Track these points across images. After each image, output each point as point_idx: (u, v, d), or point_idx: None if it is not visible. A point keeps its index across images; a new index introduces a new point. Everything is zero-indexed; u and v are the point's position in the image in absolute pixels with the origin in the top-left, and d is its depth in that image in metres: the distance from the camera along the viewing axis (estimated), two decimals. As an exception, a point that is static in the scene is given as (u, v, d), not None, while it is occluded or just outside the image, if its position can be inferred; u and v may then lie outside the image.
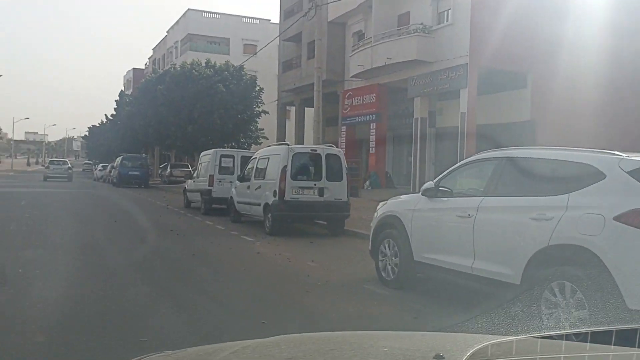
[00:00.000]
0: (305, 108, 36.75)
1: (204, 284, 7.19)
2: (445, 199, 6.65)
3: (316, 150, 12.66)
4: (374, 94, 28.02)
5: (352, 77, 29.31)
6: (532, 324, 4.52)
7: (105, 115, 59.09)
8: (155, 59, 67.21)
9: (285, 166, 12.19)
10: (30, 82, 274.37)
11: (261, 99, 36.51)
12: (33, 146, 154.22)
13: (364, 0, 27.79)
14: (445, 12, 24.65)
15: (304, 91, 34.45)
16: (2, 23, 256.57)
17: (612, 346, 1.79)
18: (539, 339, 1.90)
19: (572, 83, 21.66)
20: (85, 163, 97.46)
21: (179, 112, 33.34)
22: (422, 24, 24.60)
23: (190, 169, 38.28)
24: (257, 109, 36.12)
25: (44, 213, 15.28)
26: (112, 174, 40.23)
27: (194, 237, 11.90)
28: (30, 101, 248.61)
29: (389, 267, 7.35)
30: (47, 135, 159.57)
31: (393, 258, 7.29)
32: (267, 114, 37.80)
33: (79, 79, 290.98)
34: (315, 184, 12.40)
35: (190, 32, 54.93)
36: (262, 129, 37.67)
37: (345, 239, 12.33)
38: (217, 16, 56.57)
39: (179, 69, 36.26)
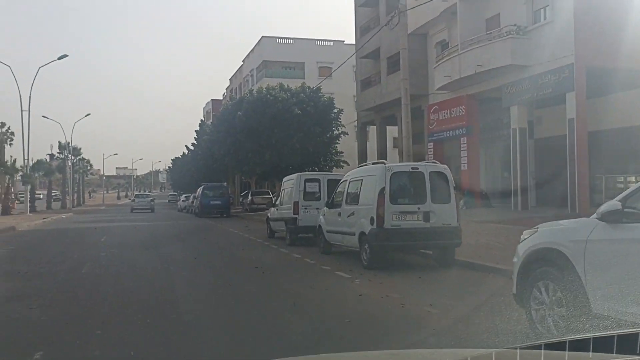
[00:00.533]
0: (387, 127, 35.00)
1: (305, 343, 5.54)
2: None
3: (418, 168, 10.84)
4: (463, 106, 25.85)
5: (437, 89, 27.31)
6: None
7: (187, 146, 59.92)
8: (232, 88, 67.98)
9: (383, 188, 10.46)
10: (117, 118, 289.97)
11: (340, 121, 35.14)
12: (123, 180, 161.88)
13: (446, 7, 25.87)
14: (542, 10, 22.27)
15: (385, 109, 32.76)
16: (89, 63, 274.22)
17: (591, 354, 1.89)
18: (518, 350, 1.98)
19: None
20: (170, 194, 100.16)
21: (257, 138, 32.55)
22: (515, 24, 22.33)
23: (272, 196, 37.43)
24: (336, 130, 34.77)
25: (121, 252, 14.35)
26: (194, 204, 40.15)
27: (282, 276, 10.36)
28: (118, 136, 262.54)
29: (550, 320, 5.39)
30: (135, 169, 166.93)
31: (555, 307, 5.33)
32: (346, 135, 36.43)
33: (162, 113, 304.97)
34: (419, 208, 10.57)
35: (266, 59, 54.94)
36: (342, 152, 36.26)
37: (458, 271, 10.37)
38: (291, 41, 56.35)
39: (255, 94, 35.66)
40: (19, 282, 9.45)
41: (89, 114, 59.01)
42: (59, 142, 60.04)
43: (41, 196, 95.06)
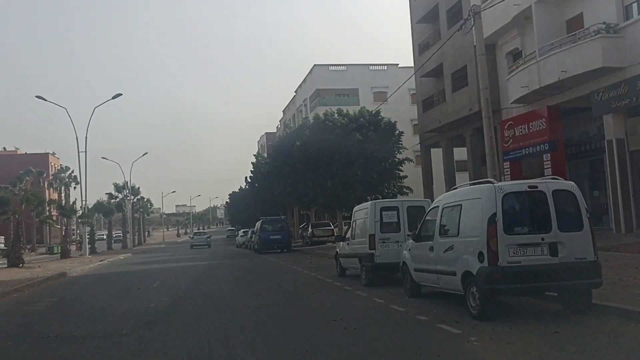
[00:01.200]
0: (454, 148, 32.41)
1: None
2: None
3: (537, 187, 8.42)
4: (544, 119, 23.07)
5: (512, 103, 24.70)
6: None
7: (246, 178, 58.44)
8: (285, 120, 67.06)
9: (494, 214, 8.11)
10: (173, 156, 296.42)
11: (402, 144, 32.87)
12: (182, 217, 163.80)
13: (519, 11, 23.42)
14: (635, 4, 19.54)
15: (452, 128, 30.27)
16: (143, 101, 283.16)
17: None
18: None
19: None
20: (228, 230, 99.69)
21: (316, 167, 30.68)
22: (604, 22, 19.64)
23: (332, 227, 35.28)
24: (398, 155, 32.48)
25: (172, 301, 12.43)
26: (252, 239, 38.48)
27: (372, 332, 8.08)
28: (175, 174, 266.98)
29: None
30: (194, 206, 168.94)
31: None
32: (410, 162, 34.13)
33: (218, 149, 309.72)
34: (543, 238, 8.13)
35: (318, 88, 53.67)
36: (406, 176, 33.88)
37: (600, 319, 7.84)
38: (344, 68, 54.94)
39: (311, 120, 33.98)
40: (43, 352, 7.60)
41: (146, 153, 59.33)
42: (115, 184, 60.11)
43: (104, 237, 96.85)
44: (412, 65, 35.36)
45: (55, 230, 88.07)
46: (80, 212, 44.46)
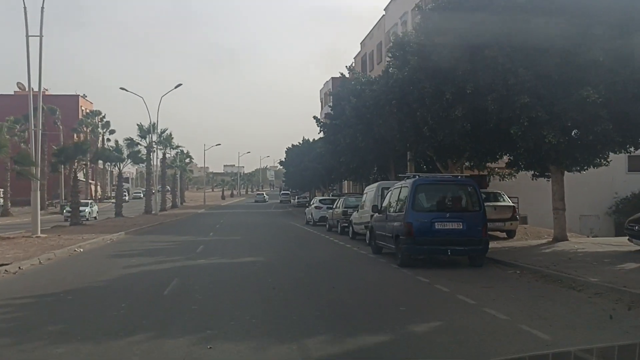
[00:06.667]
0: None
1: None
2: None
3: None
4: None
5: None
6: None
7: (317, 118, 40.79)
8: (364, 54, 50.76)
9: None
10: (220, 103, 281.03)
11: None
12: (229, 177, 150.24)
13: None
14: None
15: None
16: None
17: None
18: None
19: None
20: (282, 194, 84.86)
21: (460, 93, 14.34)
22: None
23: (512, 204, 18.75)
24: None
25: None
26: (358, 219, 20.27)
27: None
28: (222, 127, 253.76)
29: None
30: (242, 167, 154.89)
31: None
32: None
33: (270, 105, 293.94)
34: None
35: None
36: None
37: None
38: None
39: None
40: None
41: (180, 85, 44.16)
42: (140, 125, 45.32)
43: (141, 194, 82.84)
44: None
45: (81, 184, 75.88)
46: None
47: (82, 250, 16.87)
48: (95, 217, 38.35)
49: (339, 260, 14.80)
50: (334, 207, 23.62)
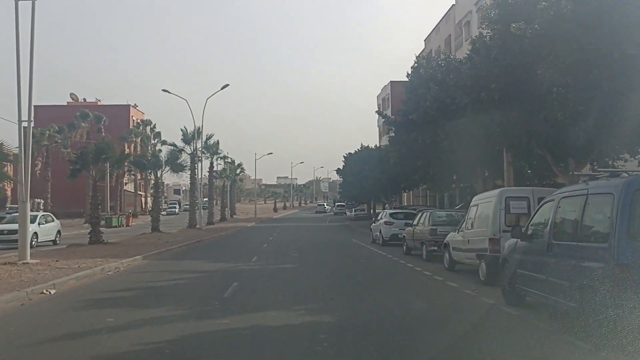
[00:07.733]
0: None
1: None
2: None
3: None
4: None
5: None
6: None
7: (382, 114, 35.79)
8: (429, 50, 45.92)
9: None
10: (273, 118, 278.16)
11: None
12: (281, 189, 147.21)
13: None
14: None
15: None
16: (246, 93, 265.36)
17: None
18: None
19: None
20: (337, 205, 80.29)
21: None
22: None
23: None
24: None
25: None
26: (450, 246, 14.85)
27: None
28: (276, 141, 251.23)
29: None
30: (296, 178, 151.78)
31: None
32: None
33: (322, 115, 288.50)
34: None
35: None
36: None
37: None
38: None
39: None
40: None
41: (227, 85, 40.64)
42: (184, 130, 42.18)
43: (176, 210, 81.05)
44: None
45: (129, 196, 74.18)
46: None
47: (51, 292, 11.35)
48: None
49: (461, 321, 8.61)
50: (414, 223, 18.75)
